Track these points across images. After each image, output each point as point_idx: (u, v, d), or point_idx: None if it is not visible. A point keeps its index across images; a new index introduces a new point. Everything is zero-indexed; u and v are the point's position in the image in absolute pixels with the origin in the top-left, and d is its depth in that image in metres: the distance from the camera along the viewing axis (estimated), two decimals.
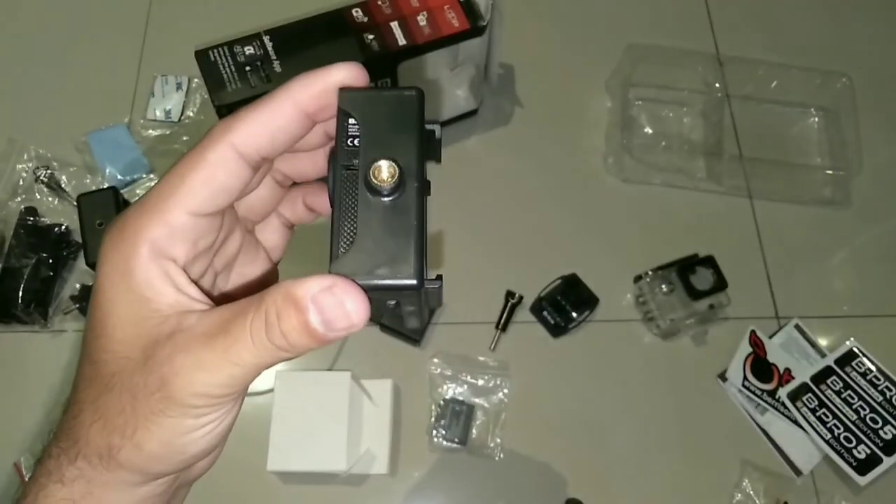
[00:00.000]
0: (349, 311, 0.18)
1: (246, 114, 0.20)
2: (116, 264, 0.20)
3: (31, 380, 0.68)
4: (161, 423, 0.19)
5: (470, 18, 0.64)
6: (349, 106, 0.20)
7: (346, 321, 0.18)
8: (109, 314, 0.20)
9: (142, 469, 0.20)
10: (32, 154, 0.75)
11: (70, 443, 0.20)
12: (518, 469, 0.65)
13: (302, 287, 0.18)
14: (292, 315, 0.18)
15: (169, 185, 0.20)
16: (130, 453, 0.20)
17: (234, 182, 0.20)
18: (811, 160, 0.79)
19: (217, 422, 0.20)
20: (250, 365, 0.18)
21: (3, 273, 0.67)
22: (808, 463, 0.65)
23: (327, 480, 0.63)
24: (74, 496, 0.20)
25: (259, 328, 0.18)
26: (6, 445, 0.64)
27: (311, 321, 0.18)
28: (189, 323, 0.19)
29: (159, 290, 0.19)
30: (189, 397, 0.19)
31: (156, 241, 0.19)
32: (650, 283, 0.69)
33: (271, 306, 0.18)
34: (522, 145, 0.79)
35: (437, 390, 0.66)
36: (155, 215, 0.20)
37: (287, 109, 0.20)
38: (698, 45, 0.85)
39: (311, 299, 0.18)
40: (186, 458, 0.20)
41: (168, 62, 0.81)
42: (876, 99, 0.81)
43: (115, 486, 0.20)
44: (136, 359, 0.19)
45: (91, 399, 0.20)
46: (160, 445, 0.19)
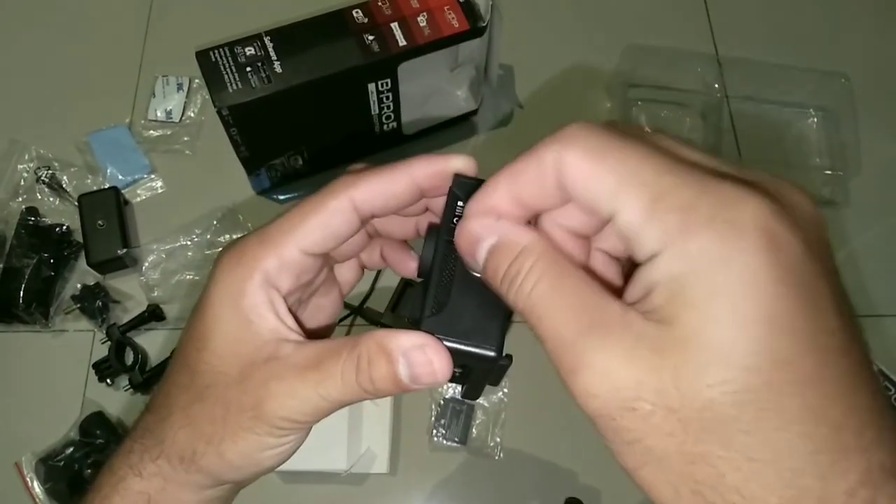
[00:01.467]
0: (436, 369, 0.20)
1: (369, 175, 0.22)
2: (229, 286, 0.22)
3: (32, 380, 0.68)
4: (246, 438, 0.21)
5: (470, 19, 0.64)
6: (461, 189, 0.22)
7: (431, 378, 0.20)
8: (214, 330, 0.22)
9: (218, 475, 0.22)
10: (34, 154, 0.76)
11: (154, 441, 0.23)
12: (518, 468, 0.65)
13: (395, 340, 0.20)
14: (383, 365, 0.20)
15: (289, 223, 0.22)
16: (212, 460, 0.22)
17: (344, 230, 0.23)
18: (810, 160, 0.80)
19: (292, 444, 0.22)
20: (336, 400, 0.21)
21: (5, 273, 0.68)
22: None
23: (327, 480, 0.63)
24: (150, 490, 0.22)
25: (350, 370, 0.20)
26: (7, 445, 0.64)
27: (400, 373, 0.20)
28: (285, 352, 0.21)
29: (263, 315, 0.22)
30: (278, 420, 0.21)
31: (269, 272, 0.22)
32: None
33: (364, 352, 0.20)
34: (522, 146, 0.78)
35: (437, 389, 0.67)
36: (272, 248, 0.22)
37: (405, 180, 0.22)
38: (698, 45, 0.85)
39: (403, 353, 0.20)
40: (259, 470, 0.23)
41: (169, 63, 0.81)
42: (875, 99, 0.81)
43: (188, 486, 0.22)
44: (232, 375, 0.21)
45: (183, 405, 0.22)
46: (240, 457, 0.22)
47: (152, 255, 0.71)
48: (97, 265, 0.69)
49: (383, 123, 0.72)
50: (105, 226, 0.70)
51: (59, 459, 0.62)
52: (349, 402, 0.21)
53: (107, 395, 0.66)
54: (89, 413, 0.64)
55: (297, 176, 0.74)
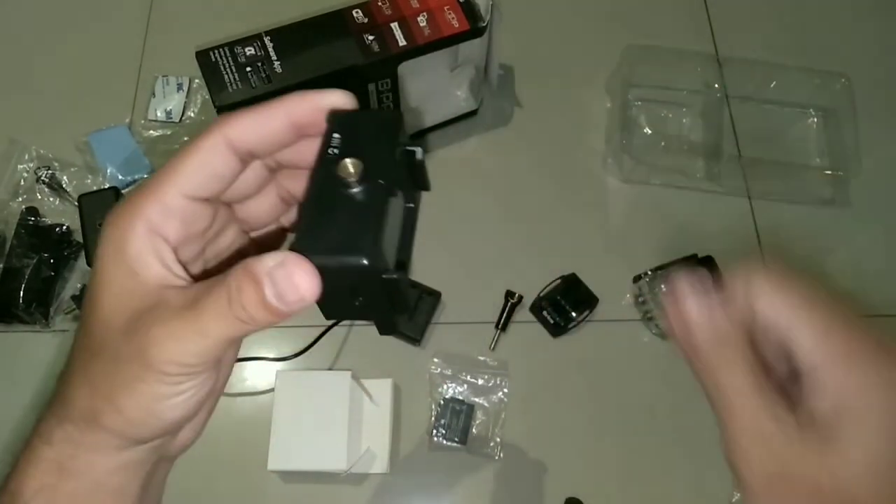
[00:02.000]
0: (297, 283, 0.19)
1: (242, 113, 0.22)
2: (114, 240, 0.21)
3: (33, 380, 0.68)
4: (139, 389, 0.21)
5: (470, 19, 0.64)
6: (335, 123, 0.22)
7: (295, 294, 0.19)
8: (103, 286, 0.22)
9: (122, 433, 0.21)
10: (34, 154, 0.76)
11: (59, 406, 0.22)
12: (517, 468, 0.65)
13: (259, 263, 0.19)
14: (251, 289, 0.19)
15: (166, 170, 0.22)
16: (112, 417, 0.21)
17: (224, 170, 0.22)
18: (810, 160, 0.80)
19: (193, 391, 0.21)
20: (216, 335, 0.20)
21: (5, 273, 0.68)
22: None
23: (328, 480, 0.63)
24: (61, 457, 0.22)
25: (223, 301, 0.19)
26: (7, 445, 0.64)
27: (266, 294, 0.19)
28: (168, 297, 0.21)
29: (148, 263, 0.21)
30: (162, 364, 0.20)
31: (151, 219, 0.21)
32: (649, 283, 0.69)
33: (232, 281, 0.19)
34: (522, 146, 0.79)
35: (437, 390, 0.66)
36: (151, 196, 0.21)
37: (280, 116, 0.22)
38: (697, 45, 0.85)
39: (267, 273, 0.19)
40: (165, 423, 0.22)
41: (169, 63, 0.81)
42: (875, 99, 0.81)
43: (98, 449, 0.22)
44: (121, 328, 0.21)
45: (81, 365, 0.22)
46: (139, 411, 0.21)
47: None
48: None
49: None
50: None
51: None
52: (231, 335, 0.20)
53: None
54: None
55: None
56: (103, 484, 0.22)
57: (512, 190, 0.77)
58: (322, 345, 0.67)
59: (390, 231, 0.21)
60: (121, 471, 0.22)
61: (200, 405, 0.22)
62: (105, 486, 0.22)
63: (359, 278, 0.20)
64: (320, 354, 0.67)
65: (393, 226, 0.21)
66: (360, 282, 0.20)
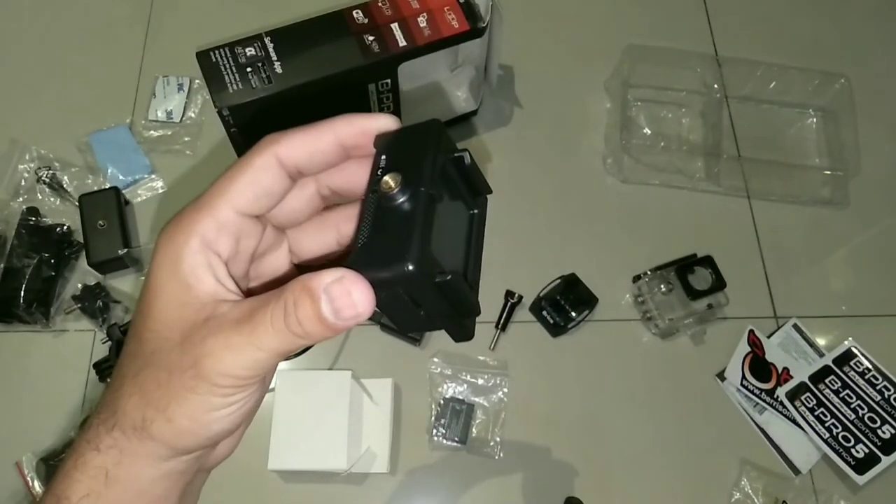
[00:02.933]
0: (355, 300, 0.20)
1: (292, 132, 0.23)
2: (169, 253, 0.22)
3: (33, 380, 0.68)
4: (191, 399, 0.21)
5: (470, 20, 0.64)
6: (381, 146, 0.23)
7: (352, 310, 0.20)
8: (157, 297, 0.22)
9: (170, 442, 0.22)
10: (34, 154, 0.76)
11: (109, 413, 0.22)
12: (518, 468, 0.65)
13: (316, 279, 0.20)
14: (307, 304, 0.20)
15: (219, 187, 0.23)
16: (162, 426, 0.21)
17: (274, 186, 0.23)
18: (809, 161, 0.80)
19: (240, 404, 0.22)
20: (270, 349, 0.20)
21: (5, 273, 0.68)
22: (807, 462, 0.65)
23: (328, 479, 0.63)
24: (107, 464, 0.22)
25: (279, 316, 0.20)
26: (8, 445, 0.64)
27: (323, 310, 0.20)
28: (222, 311, 0.22)
29: (201, 278, 0.22)
30: (216, 376, 0.21)
31: (205, 235, 0.22)
32: (649, 283, 0.69)
33: (289, 296, 0.20)
34: (522, 146, 0.79)
35: (437, 389, 0.67)
36: (206, 211, 0.22)
37: (327, 135, 0.23)
38: (697, 46, 0.85)
39: (324, 289, 0.20)
40: (211, 435, 0.22)
41: (169, 63, 0.81)
42: (874, 100, 0.81)
43: (143, 457, 0.22)
44: (174, 339, 0.22)
45: (132, 374, 0.22)
46: (189, 421, 0.21)
47: None
48: (98, 265, 0.70)
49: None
50: (106, 226, 0.70)
51: (60, 459, 0.62)
52: (285, 349, 0.21)
53: None
54: (90, 413, 0.64)
55: None
56: (146, 492, 0.23)
57: (512, 190, 0.77)
58: (322, 345, 0.67)
59: (443, 235, 0.21)
60: (163, 480, 0.23)
61: (244, 419, 0.23)
62: (147, 495, 0.23)
63: (412, 286, 0.20)
64: (320, 354, 0.68)
65: (446, 230, 0.22)
66: (415, 289, 0.21)
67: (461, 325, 0.23)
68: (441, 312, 0.22)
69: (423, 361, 0.68)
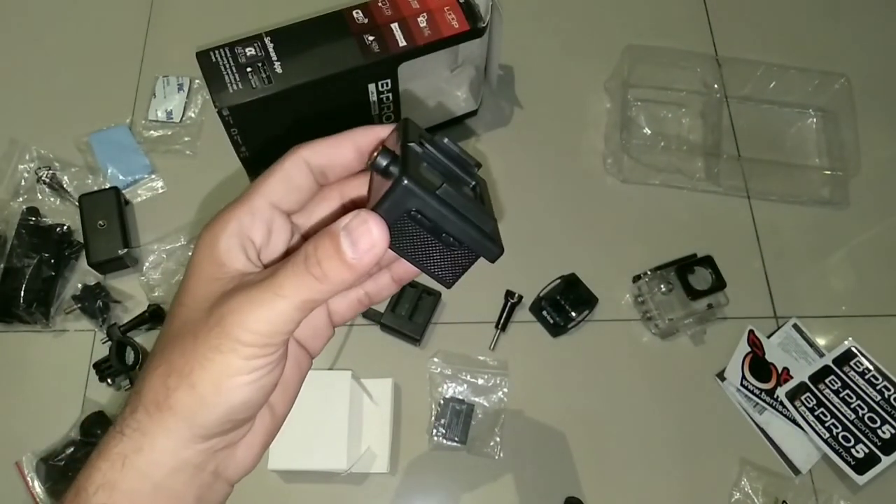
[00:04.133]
0: (370, 228, 0.21)
1: (318, 140, 0.26)
2: (207, 239, 0.24)
3: (33, 379, 0.68)
4: (214, 360, 0.22)
5: (470, 20, 0.65)
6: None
7: (368, 239, 0.21)
8: (192, 276, 0.24)
9: (190, 413, 0.22)
10: (34, 154, 0.76)
11: (135, 396, 0.23)
12: (517, 468, 0.65)
13: (338, 222, 0.22)
14: (326, 243, 0.22)
15: (254, 185, 0.25)
16: (184, 395, 0.22)
17: (301, 182, 0.26)
18: (809, 160, 0.80)
19: (262, 372, 0.22)
20: (291, 295, 0.22)
21: (5, 273, 0.68)
22: (807, 462, 0.65)
23: (328, 479, 0.63)
24: (127, 450, 0.23)
25: (300, 261, 0.22)
26: (8, 445, 0.64)
27: (342, 244, 0.21)
28: (249, 278, 0.23)
29: (235, 256, 0.24)
30: (240, 331, 0.22)
31: (242, 221, 0.24)
32: (649, 283, 0.69)
33: (311, 243, 0.22)
34: (522, 146, 0.79)
35: (437, 389, 0.67)
36: (242, 202, 0.25)
37: (347, 143, 0.26)
38: (697, 46, 0.85)
39: (343, 227, 0.22)
40: (232, 405, 0.22)
41: (169, 63, 0.82)
42: (874, 100, 0.81)
43: (162, 439, 0.23)
44: (204, 309, 0.23)
45: (161, 348, 0.24)
46: (211, 385, 0.22)
47: (153, 255, 0.71)
48: (98, 265, 0.70)
49: (383, 124, 0.72)
50: (106, 226, 0.70)
51: (60, 459, 0.62)
52: (305, 297, 0.21)
53: (108, 395, 0.67)
54: (90, 413, 0.64)
55: None
56: (161, 486, 0.23)
57: (512, 190, 0.77)
58: None
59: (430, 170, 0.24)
60: (179, 473, 0.23)
61: (265, 395, 0.23)
62: (163, 489, 0.23)
63: (415, 201, 0.22)
64: (321, 354, 0.67)
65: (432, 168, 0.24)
66: (420, 206, 0.23)
67: (485, 242, 0.24)
68: (457, 231, 0.23)
69: (423, 361, 0.68)
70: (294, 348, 0.28)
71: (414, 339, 0.68)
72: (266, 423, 0.27)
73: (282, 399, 0.27)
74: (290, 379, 0.28)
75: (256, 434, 0.26)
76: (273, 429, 0.27)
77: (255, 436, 0.26)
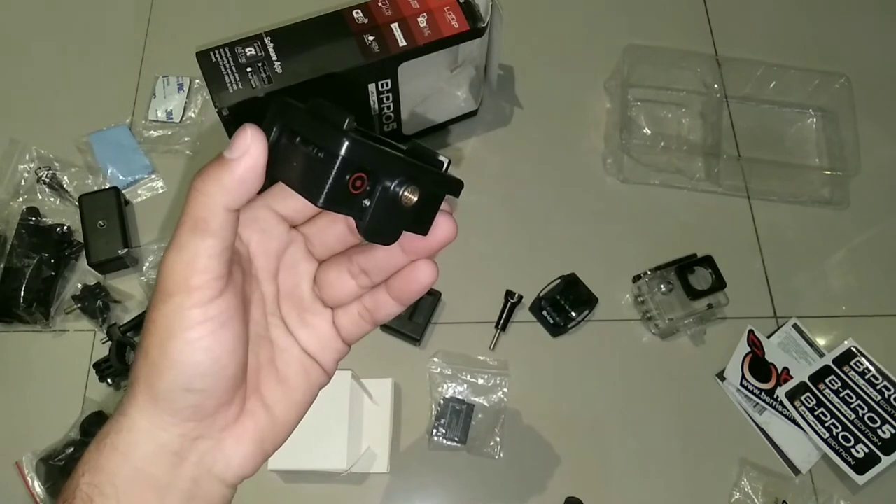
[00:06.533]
0: (246, 131, 0.21)
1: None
2: None
3: (33, 379, 0.68)
4: (156, 322, 0.22)
5: (470, 20, 0.65)
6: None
7: (243, 139, 0.21)
8: None
9: (147, 383, 0.23)
10: (34, 154, 0.76)
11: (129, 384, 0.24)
12: (517, 468, 0.65)
13: None
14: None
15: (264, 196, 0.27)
16: (140, 364, 0.23)
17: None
18: (809, 160, 0.80)
19: (201, 330, 0.22)
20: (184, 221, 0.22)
21: (5, 273, 0.68)
22: (807, 462, 0.65)
23: (328, 479, 0.63)
24: (111, 431, 0.24)
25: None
26: (8, 445, 0.64)
27: (224, 152, 0.22)
28: None
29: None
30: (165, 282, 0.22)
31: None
32: (649, 283, 0.69)
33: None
34: (522, 146, 0.79)
35: (437, 389, 0.67)
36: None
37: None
38: (697, 46, 0.85)
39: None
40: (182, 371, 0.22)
41: (169, 63, 0.82)
42: (874, 99, 0.81)
43: (138, 419, 0.23)
44: None
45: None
46: (157, 349, 0.22)
47: (153, 255, 0.71)
48: (98, 265, 0.70)
49: (384, 124, 0.72)
50: (106, 226, 0.70)
51: (60, 459, 0.62)
52: (196, 215, 0.21)
53: (107, 394, 0.67)
54: (90, 413, 0.64)
55: None
56: (142, 471, 0.23)
57: (512, 190, 0.77)
58: None
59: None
60: (158, 458, 0.23)
61: (213, 360, 0.23)
62: (143, 474, 0.23)
63: (291, 117, 0.22)
64: None
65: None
66: (294, 118, 0.22)
67: (334, 133, 0.22)
68: (312, 134, 0.22)
69: (423, 361, 0.68)
70: (297, 353, 0.28)
71: (414, 339, 0.68)
72: (258, 419, 0.26)
73: (282, 400, 0.27)
74: (293, 382, 0.28)
75: (245, 427, 0.25)
76: (268, 428, 0.26)
77: (242, 427, 0.25)
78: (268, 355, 0.27)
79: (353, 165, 0.22)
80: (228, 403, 0.24)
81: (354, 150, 0.21)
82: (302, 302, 0.28)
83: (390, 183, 0.23)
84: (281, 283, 0.28)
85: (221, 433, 0.25)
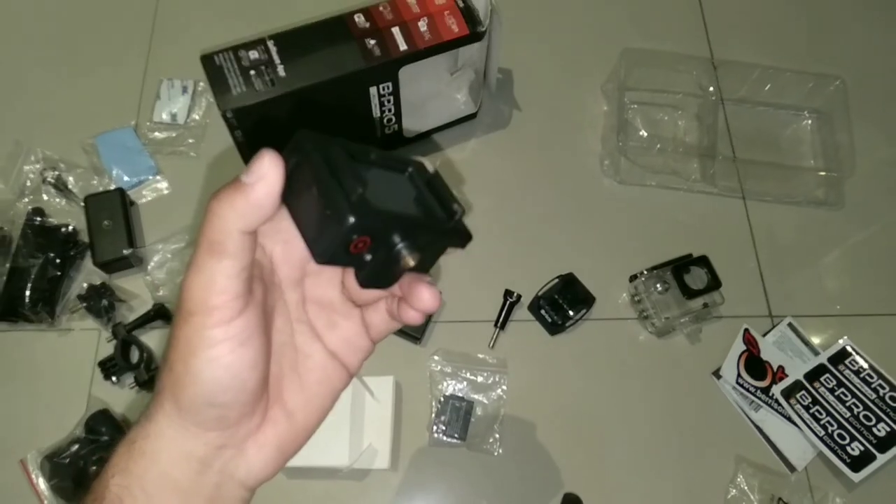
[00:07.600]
0: (263, 157, 0.22)
1: None
2: None
3: (38, 378, 0.69)
4: (178, 339, 0.22)
5: (469, 24, 0.66)
6: None
7: (260, 165, 0.22)
8: None
9: (172, 394, 0.23)
10: (40, 155, 0.77)
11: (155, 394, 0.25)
12: (516, 464, 0.66)
13: None
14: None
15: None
16: (165, 376, 0.23)
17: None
18: (804, 162, 0.81)
19: (222, 348, 0.22)
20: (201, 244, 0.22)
21: (11, 272, 0.68)
22: (803, 459, 0.66)
23: (330, 475, 0.64)
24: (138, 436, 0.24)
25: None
26: (13, 442, 0.65)
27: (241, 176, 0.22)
28: None
29: None
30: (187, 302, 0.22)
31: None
32: (645, 283, 0.70)
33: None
34: (520, 148, 0.80)
35: (437, 387, 0.67)
36: None
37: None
38: (693, 49, 0.86)
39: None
40: (204, 386, 0.23)
41: (174, 66, 0.83)
42: (868, 102, 0.82)
43: (163, 425, 0.24)
44: None
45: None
46: (181, 364, 0.23)
47: (157, 255, 0.72)
48: (103, 265, 0.70)
49: (385, 126, 0.73)
50: (111, 226, 0.71)
51: (65, 457, 0.62)
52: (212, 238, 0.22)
53: (112, 392, 0.67)
54: (95, 411, 0.65)
55: None
56: (167, 475, 0.24)
57: (510, 191, 0.78)
58: None
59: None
60: (183, 464, 0.24)
61: (232, 376, 0.23)
62: (169, 478, 0.24)
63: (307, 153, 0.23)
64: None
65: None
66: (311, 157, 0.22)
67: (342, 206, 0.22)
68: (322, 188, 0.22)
69: (424, 359, 0.69)
70: (321, 358, 0.28)
71: (414, 337, 0.69)
72: (279, 425, 0.26)
73: (304, 406, 0.27)
74: (315, 388, 0.27)
75: (266, 434, 0.26)
76: (289, 433, 0.26)
77: (264, 435, 0.26)
78: (291, 362, 0.27)
79: (358, 231, 0.22)
80: (251, 414, 0.25)
81: (360, 222, 0.22)
82: (332, 304, 0.28)
83: (392, 245, 0.24)
84: (308, 288, 0.27)
85: (244, 442, 0.25)
